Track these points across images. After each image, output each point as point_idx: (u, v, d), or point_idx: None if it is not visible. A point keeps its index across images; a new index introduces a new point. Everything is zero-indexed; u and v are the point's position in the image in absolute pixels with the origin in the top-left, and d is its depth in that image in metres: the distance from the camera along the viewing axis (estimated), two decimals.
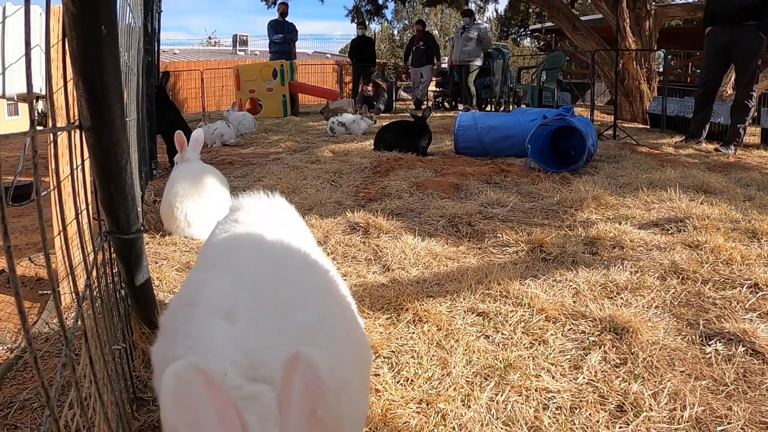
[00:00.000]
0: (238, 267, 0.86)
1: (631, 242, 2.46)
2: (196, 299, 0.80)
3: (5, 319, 1.93)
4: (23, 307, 0.48)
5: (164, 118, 4.30)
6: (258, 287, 0.81)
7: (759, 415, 1.28)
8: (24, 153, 2.69)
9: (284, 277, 0.85)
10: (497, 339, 1.66)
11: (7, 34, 1.89)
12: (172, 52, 18.45)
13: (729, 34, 5.02)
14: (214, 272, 0.88)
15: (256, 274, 0.84)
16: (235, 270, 0.85)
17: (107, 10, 0.78)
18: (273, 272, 0.85)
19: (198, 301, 0.79)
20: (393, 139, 5.16)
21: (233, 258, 0.91)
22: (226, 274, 0.84)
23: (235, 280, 0.82)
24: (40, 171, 0.59)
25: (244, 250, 0.95)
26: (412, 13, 29.82)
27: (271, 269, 0.86)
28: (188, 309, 0.78)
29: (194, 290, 0.85)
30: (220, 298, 0.78)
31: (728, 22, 5.00)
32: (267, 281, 0.82)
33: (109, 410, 0.90)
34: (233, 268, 0.86)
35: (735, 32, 4.98)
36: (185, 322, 0.76)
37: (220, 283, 0.82)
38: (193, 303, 0.79)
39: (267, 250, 0.95)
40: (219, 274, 0.85)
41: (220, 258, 0.95)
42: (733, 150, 5.10)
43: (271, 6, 14.21)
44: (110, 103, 0.86)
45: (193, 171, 2.77)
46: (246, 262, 0.89)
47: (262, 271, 0.85)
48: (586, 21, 10.05)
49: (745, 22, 4.88)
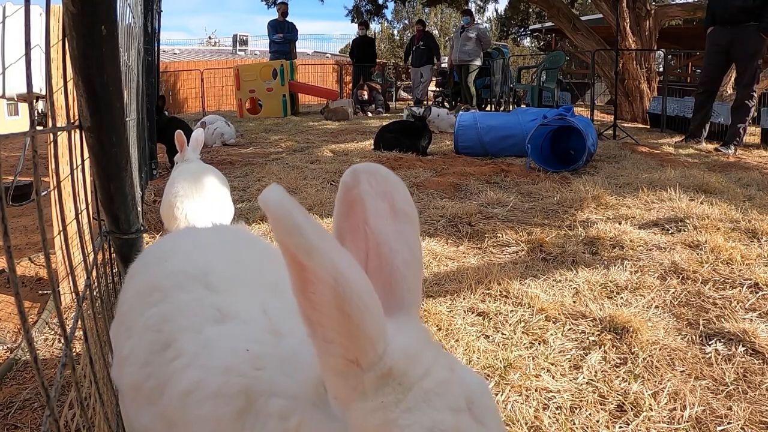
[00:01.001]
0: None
1: (631, 242, 2.46)
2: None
3: (5, 319, 1.93)
4: (23, 307, 0.48)
5: (168, 129, 4.28)
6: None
7: (759, 415, 1.28)
8: (24, 153, 2.69)
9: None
10: (497, 339, 1.66)
11: (7, 34, 1.89)
12: (172, 52, 18.44)
13: (729, 34, 5.06)
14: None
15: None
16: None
17: (107, 9, 0.78)
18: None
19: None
20: (393, 139, 5.16)
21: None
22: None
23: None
24: (40, 171, 0.59)
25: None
26: (412, 13, 29.82)
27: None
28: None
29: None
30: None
31: (729, 23, 5.04)
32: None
33: (109, 410, 0.90)
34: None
35: (735, 33, 5.01)
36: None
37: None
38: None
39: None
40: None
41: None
42: (733, 150, 5.11)
43: (271, 6, 14.23)
44: (110, 103, 0.86)
45: (193, 171, 2.77)
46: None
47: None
48: (586, 21, 10.05)
49: (746, 22, 4.92)
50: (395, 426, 0.46)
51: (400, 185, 0.56)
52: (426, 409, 0.46)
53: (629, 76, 8.33)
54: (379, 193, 0.55)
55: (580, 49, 9.93)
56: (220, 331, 0.68)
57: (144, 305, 0.77)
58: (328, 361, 0.48)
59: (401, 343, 0.49)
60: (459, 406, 0.47)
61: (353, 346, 0.46)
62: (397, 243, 0.54)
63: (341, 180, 0.56)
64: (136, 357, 0.74)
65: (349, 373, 0.47)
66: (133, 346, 0.76)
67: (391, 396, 0.47)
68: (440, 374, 0.49)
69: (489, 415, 0.49)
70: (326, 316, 0.46)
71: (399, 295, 0.53)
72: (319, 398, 0.52)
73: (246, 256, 0.87)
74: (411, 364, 0.48)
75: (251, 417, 0.58)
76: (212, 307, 0.72)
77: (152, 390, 0.70)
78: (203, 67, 13.22)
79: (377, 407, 0.46)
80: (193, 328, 0.70)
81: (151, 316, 0.75)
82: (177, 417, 0.65)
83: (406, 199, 0.56)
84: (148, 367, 0.71)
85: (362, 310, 0.45)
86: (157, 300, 0.76)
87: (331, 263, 0.44)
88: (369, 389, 0.47)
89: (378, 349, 0.47)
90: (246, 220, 2.97)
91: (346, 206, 0.56)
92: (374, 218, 0.55)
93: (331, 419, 0.51)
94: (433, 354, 0.50)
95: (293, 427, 0.53)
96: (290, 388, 0.56)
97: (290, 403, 0.55)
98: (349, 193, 0.55)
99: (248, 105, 9.60)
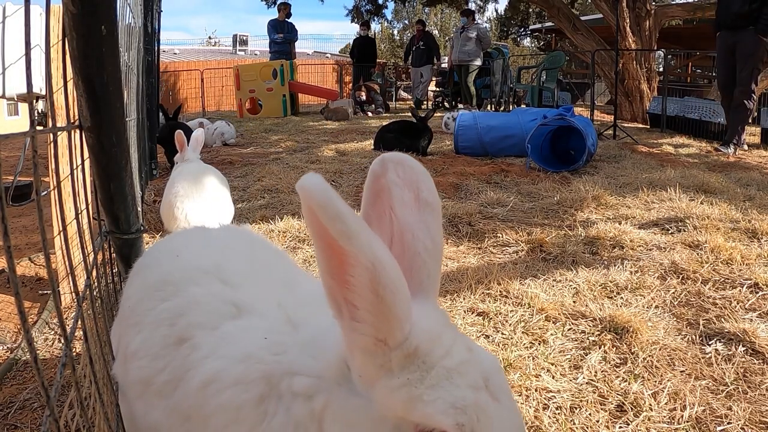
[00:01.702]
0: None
1: (631, 242, 2.46)
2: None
3: (5, 319, 1.93)
4: (23, 307, 0.48)
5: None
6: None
7: (759, 415, 1.28)
8: (24, 153, 2.70)
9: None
10: (497, 339, 1.66)
11: (7, 34, 1.89)
12: (172, 52, 18.43)
13: (732, 38, 5.24)
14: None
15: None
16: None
17: (107, 9, 0.78)
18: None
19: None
20: (393, 139, 5.16)
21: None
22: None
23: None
24: (40, 171, 0.59)
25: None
26: (412, 13, 29.82)
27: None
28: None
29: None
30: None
31: (730, 27, 5.25)
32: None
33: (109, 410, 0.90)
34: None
35: (736, 36, 5.20)
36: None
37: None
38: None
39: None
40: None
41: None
42: (732, 149, 5.15)
43: (271, 6, 14.22)
44: (110, 103, 0.86)
45: (193, 171, 2.77)
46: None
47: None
48: (586, 21, 10.05)
49: (744, 27, 5.12)
50: (420, 401, 0.48)
51: (425, 176, 0.59)
52: (448, 386, 0.49)
53: (629, 76, 8.33)
54: (405, 182, 0.58)
55: (580, 49, 9.93)
56: (237, 325, 0.69)
57: (155, 299, 0.78)
58: (357, 339, 0.50)
59: (425, 325, 0.52)
60: (478, 384, 0.50)
61: (384, 326, 0.49)
62: (420, 231, 0.57)
63: (370, 168, 0.59)
64: (146, 351, 0.74)
65: (377, 352, 0.50)
66: (143, 340, 0.76)
67: (416, 373, 0.50)
68: (460, 354, 0.52)
69: (503, 393, 0.52)
70: (361, 297, 0.48)
71: (419, 279, 0.57)
72: (343, 377, 0.55)
73: (256, 253, 0.89)
74: (433, 345, 0.51)
75: (273, 402, 0.59)
76: (228, 302, 0.73)
77: (165, 384, 0.70)
78: (203, 67, 13.23)
79: (403, 383, 0.49)
80: (210, 324, 0.70)
81: (163, 311, 0.76)
82: (193, 410, 0.65)
83: (431, 189, 0.59)
84: (160, 360, 0.72)
85: (394, 293, 0.48)
86: (170, 294, 0.77)
87: (370, 249, 0.46)
88: (396, 367, 0.50)
89: (405, 329, 0.50)
90: (246, 220, 2.97)
91: (373, 194, 0.59)
92: (399, 206, 0.58)
93: (357, 396, 0.53)
94: (452, 335, 0.54)
95: (319, 408, 0.55)
96: (314, 367, 0.58)
97: (315, 381, 0.57)
98: (377, 182, 0.59)
99: (248, 105, 9.59)
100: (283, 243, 2.59)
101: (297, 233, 2.69)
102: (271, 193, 3.57)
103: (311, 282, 0.83)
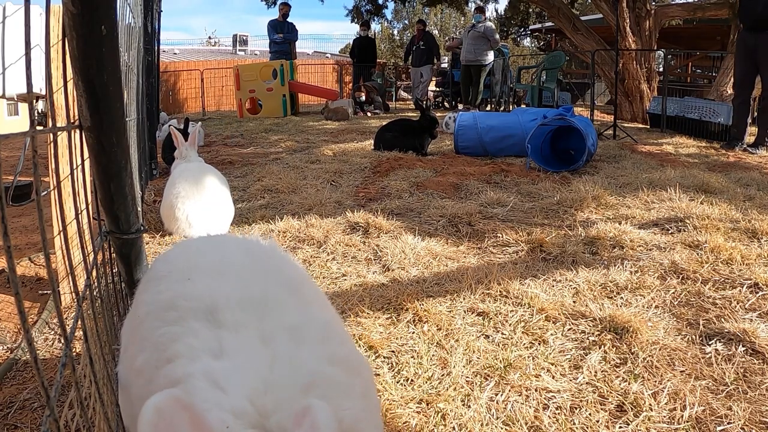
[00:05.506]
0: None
1: (631, 242, 2.46)
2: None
3: (5, 319, 1.93)
4: (23, 307, 0.48)
5: None
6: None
7: (759, 415, 1.28)
8: (24, 153, 2.70)
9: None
10: (497, 339, 1.66)
11: (7, 34, 1.89)
12: (172, 52, 18.43)
13: (753, 39, 5.25)
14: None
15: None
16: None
17: (107, 9, 0.78)
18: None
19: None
20: (393, 138, 5.16)
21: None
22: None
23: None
24: (40, 171, 0.59)
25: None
26: (412, 13, 29.83)
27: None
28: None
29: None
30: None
31: (752, 29, 5.25)
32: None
33: (109, 410, 0.90)
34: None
35: (758, 38, 5.20)
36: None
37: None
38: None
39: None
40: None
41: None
42: (763, 151, 5.24)
43: (271, 6, 14.20)
44: (110, 103, 0.86)
45: (193, 171, 2.77)
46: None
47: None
48: (586, 21, 10.05)
49: (766, 28, 5.10)
50: None
51: None
52: None
53: (629, 76, 8.34)
54: None
55: (580, 49, 9.92)
56: (213, 367, 0.67)
57: (160, 320, 0.78)
58: None
59: None
60: None
61: None
62: None
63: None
64: (144, 373, 0.75)
65: None
66: (145, 361, 0.76)
67: None
68: None
69: None
70: None
71: None
72: None
73: (271, 286, 0.84)
74: None
75: None
76: (216, 339, 0.71)
77: None
78: (203, 67, 13.23)
79: None
80: (190, 355, 0.69)
81: (163, 335, 0.76)
82: None
83: None
84: (150, 385, 0.72)
85: None
86: (173, 320, 0.77)
87: None
88: None
89: None
90: (246, 220, 2.97)
91: None
92: None
93: None
94: None
95: None
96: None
97: None
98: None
99: (248, 105, 9.59)
100: (283, 243, 2.59)
101: (297, 233, 2.69)
102: (271, 193, 3.57)
103: (321, 312, 0.82)
